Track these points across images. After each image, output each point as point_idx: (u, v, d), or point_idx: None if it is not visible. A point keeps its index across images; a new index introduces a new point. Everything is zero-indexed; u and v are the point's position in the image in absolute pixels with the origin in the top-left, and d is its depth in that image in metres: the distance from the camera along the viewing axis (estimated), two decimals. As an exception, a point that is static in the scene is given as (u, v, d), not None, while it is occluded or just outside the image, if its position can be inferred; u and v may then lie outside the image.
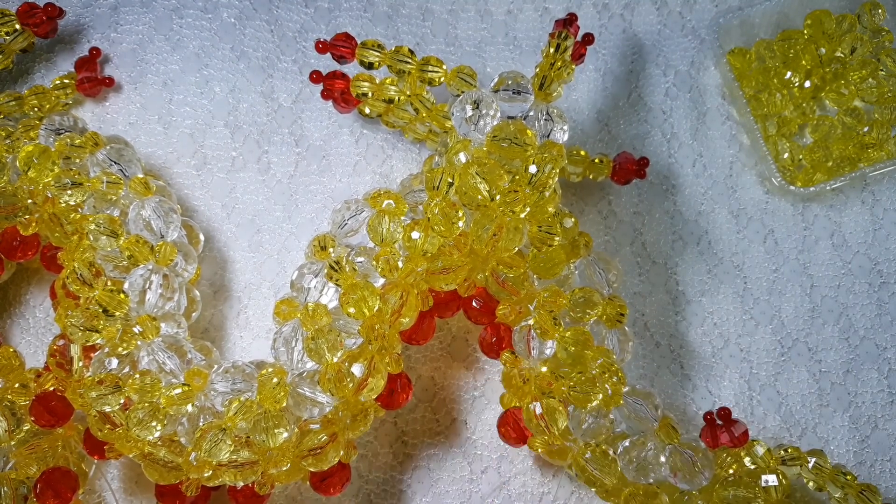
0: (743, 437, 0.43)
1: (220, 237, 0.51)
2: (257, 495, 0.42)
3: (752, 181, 0.54)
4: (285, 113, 0.53)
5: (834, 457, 0.49)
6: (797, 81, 0.54)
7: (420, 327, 0.44)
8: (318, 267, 0.44)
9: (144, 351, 0.41)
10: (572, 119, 0.54)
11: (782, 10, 0.55)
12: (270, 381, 0.40)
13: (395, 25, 0.55)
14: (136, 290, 0.42)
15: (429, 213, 0.41)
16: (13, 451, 0.43)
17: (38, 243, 0.46)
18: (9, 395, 0.42)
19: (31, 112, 0.50)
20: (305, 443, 0.40)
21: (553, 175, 0.41)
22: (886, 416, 0.50)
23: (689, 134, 0.54)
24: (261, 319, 0.50)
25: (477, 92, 0.42)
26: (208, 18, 0.55)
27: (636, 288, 0.52)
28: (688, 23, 0.56)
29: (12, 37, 0.51)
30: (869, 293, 0.52)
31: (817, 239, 0.53)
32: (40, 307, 0.50)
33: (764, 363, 0.51)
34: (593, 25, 0.56)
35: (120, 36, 0.54)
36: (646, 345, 0.51)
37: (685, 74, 0.55)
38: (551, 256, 0.43)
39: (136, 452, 0.41)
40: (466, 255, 0.43)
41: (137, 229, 0.44)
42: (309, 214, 0.52)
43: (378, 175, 0.53)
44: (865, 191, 0.54)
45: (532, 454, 0.48)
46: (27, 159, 0.44)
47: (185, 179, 0.52)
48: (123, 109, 0.53)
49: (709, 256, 0.52)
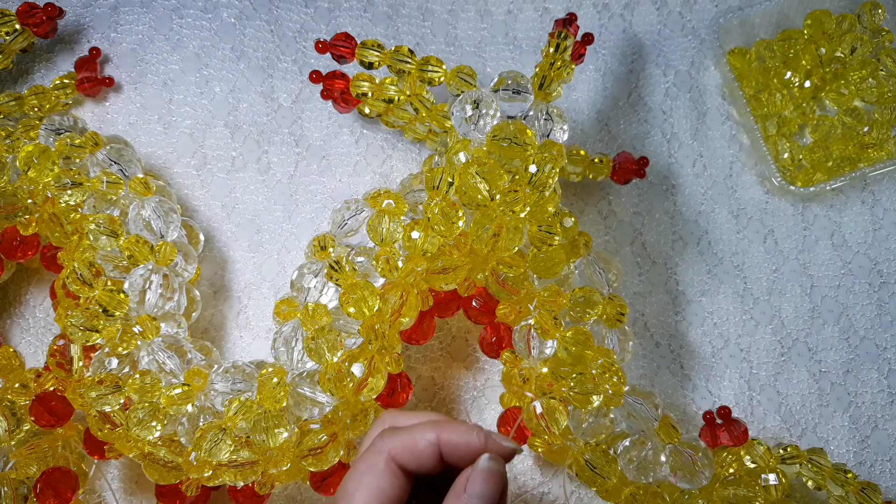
0: (743, 436, 0.43)
1: (220, 237, 0.51)
2: (257, 495, 0.42)
3: (752, 181, 0.54)
4: (285, 113, 0.53)
5: (834, 457, 0.49)
6: (797, 81, 0.54)
7: (420, 327, 0.44)
8: (318, 267, 0.44)
9: (144, 351, 0.41)
10: (572, 119, 0.54)
11: (782, 10, 0.55)
12: (270, 381, 0.40)
13: (395, 25, 0.55)
14: (136, 290, 0.42)
15: (429, 213, 0.41)
16: (13, 451, 0.43)
17: (38, 243, 0.46)
18: (9, 395, 0.42)
19: (31, 112, 0.50)
20: (305, 443, 0.40)
21: (553, 175, 0.41)
22: (886, 416, 0.50)
23: (689, 134, 0.54)
24: (261, 319, 0.50)
25: (477, 92, 0.42)
26: (208, 18, 0.55)
27: (636, 288, 0.52)
28: (688, 23, 0.56)
29: (12, 37, 0.51)
30: (869, 293, 0.52)
31: (817, 239, 0.53)
32: (40, 307, 0.50)
33: (764, 363, 0.51)
34: (593, 25, 0.56)
35: (120, 36, 0.54)
36: (646, 345, 0.51)
37: (685, 74, 0.55)
38: (551, 256, 0.43)
39: (136, 452, 0.41)
40: (466, 255, 0.43)
41: (137, 229, 0.44)
42: (309, 214, 0.52)
43: (378, 175, 0.53)
44: (865, 191, 0.54)
45: (532, 454, 0.48)
46: (27, 159, 0.44)
47: (185, 179, 0.52)
48: (123, 109, 0.53)
49: (709, 256, 0.52)
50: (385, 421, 0.37)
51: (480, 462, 0.33)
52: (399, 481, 0.33)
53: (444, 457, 0.34)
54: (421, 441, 0.33)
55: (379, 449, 0.34)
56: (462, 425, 0.34)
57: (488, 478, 0.33)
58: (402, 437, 0.34)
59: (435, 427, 0.34)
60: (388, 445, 0.34)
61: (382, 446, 0.34)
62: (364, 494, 0.33)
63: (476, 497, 0.33)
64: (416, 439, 0.33)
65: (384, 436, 0.34)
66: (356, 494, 0.33)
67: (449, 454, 0.34)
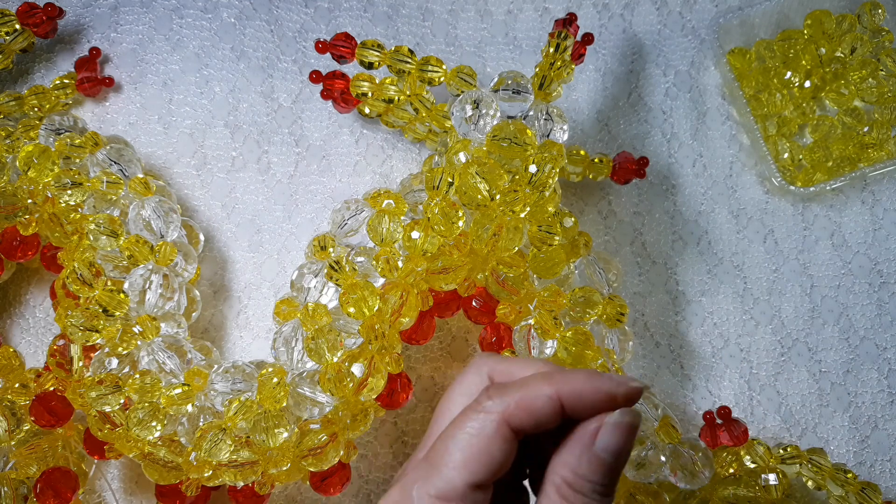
0: (743, 436, 0.43)
1: (220, 237, 0.51)
2: (257, 495, 0.42)
3: (752, 181, 0.54)
4: (285, 113, 0.53)
5: (834, 457, 0.49)
6: (797, 81, 0.54)
7: (420, 327, 0.44)
8: (318, 267, 0.44)
9: (144, 351, 0.41)
10: (572, 119, 0.54)
11: (782, 10, 0.55)
12: (270, 381, 0.40)
13: (395, 25, 0.55)
14: (136, 290, 0.42)
15: (429, 213, 0.41)
16: (13, 451, 0.43)
17: (38, 243, 0.46)
18: (9, 395, 0.42)
19: (31, 112, 0.50)
20: (305, 443, 0.40)
21: (553, 175, 0.41)
22: (886, 416, 0.50)
23: (689, 134, 0.54)
24: (261, 319, 0.50)
25: (477, 92, 0.42)
26: (208, 18, 0.55)
27: (636, 288, 0.52)
28: (688, 23, 0.56)
29: (12, 37, 0.51)
30: (869, 293, 0.52)
31: (817, 239, 0.53)
32: (40, 307, 0.50)
33: (764, 363, 0.51)
34: (593, 25, 0.56)
35: (120, 36, 0.54)
36: (646, 345, 0.51)
37: (685, 74, 0.55)
38: (551, 256, 0.43)
39: (136, 452, 0.41)
40: (466, 255, 0.43)
41: (137, 229, 0.44)
42: (309, 214, 0.52)
43: (378, 175, 0.53)
44: (865, 191, 0.54)
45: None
46: (27, 159, 0.44)
47: (185, 179, 0.52)
48: (123, 109, 0.53)
49: (709, 256, 0.52)
50: (481, 366, 0.33)
51: (616, 415, 0.29)
52: (510, 446, 0.29)
53: (566, 411, 0.29)
54: (539, 399, 0.29)
55: (489, 409, 0.29)
56: (580, 373, 0.30)
57: (625, 431, 0.29)
58: (516, 394, 0.29)
59: (550, 380, 0.29)
60: (499, 406, 0.29)
61: (492, 406, 0.29)
62: (469, 459, 0.29)
63: (610, 452, 0.29)
64: (532, 397, 0.29)
65: (492, 394, 0.30)
66: (459, 456, 0.29)
67: (574, 407, 0.29)
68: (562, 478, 0.29)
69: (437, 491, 0.29)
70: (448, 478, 0.29)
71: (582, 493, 0.29)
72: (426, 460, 0.30)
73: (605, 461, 0.29)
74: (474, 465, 0.29)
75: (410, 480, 0.30)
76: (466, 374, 0.33)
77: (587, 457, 0.29)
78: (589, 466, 0.29)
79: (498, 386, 0.30)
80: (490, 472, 0.29)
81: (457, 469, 0.29)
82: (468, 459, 0.29)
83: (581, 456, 0.29)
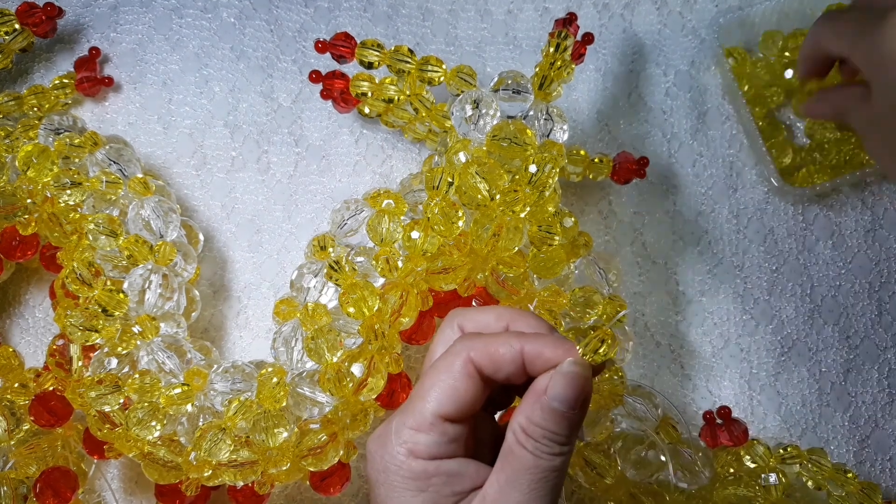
0: (743, 436, 0.43)
1: (219, 237, 0.51)
2: (257, 495, 0.42)
3: (752, 181, 0.54)
4: (285, 113, 0.53)
5: (834, 456, 0.49)
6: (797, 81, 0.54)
7: (420, 327, 0.44)
8: (318, 267, 0.44)
9: (144, 351, 0.41)
10: (572, 119, 0.54)
11: (782, 10, 0.55)
12: (270, 381, 0.40)
13: (395, 25, 0.55)
14: (136, 289, 0.42)
15: (429, 213, 0.41)
16: (13, 450, 0.43)
17: (37, 243, 0.46)
18: (9, 395, 0.42)
19: (31, 112, 0.50)
20: (305, 442, 0.40)
21: (553, 175, 0.41)
22: (886, 416, 0.50)
23: (689, 134, 0.54)
24: (261, 319, 0.50)
25: (477, 92, 0.42)
26: (208, 18, 0.55)
27: (636, 288, 0.52)
28: (688, 23, 0.56)
29: (12, 36, 0.51)
30: (869, 293, 0.52)
31: (817, 239, 0.53)
32: (40, 307, 0.50)
33: (764, 363, 0.51)
34: (593, 25, 0.56)
35: (120, 36, 0.54)
36: (646, 345, 0.51)
37: (685, 74, 0.55)
38: (551, 256, 0.43)
39: (136, 452, 0.41)
40: (466, 255, 0.43)
41: (137, 229, 0.44)
42: (309, 214, 0.52)
43: (378, 175, 0.53)
44: (865, 191, 0.54)
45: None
46: (26, 159, 0.44)
47: (184, 179, 0.52)
48: (123, 109, 0.53)
49: (709, 256, 0.52)
50: (453, 319, 0.36)
51: (564, 365, 0.32)
52: (474, 384, 0.32)
53: (527, 368, 0.33)
54: (503, 347, 0.32)
55: (457, 351, 0.33)
56: (549, 337, 0.33)
57: (572, 381, 0.31)
58: (485, 339, 0.33)
59: (520, 338, 0.32)
60: (467, 347, 0.33)
61: (461, 348, 0.33)
62: (437, 393, 0.32)
63: (558, 400, 0.31)
64: (497, 344, 0.32)
65: (464, 338, 0.34)
66: (431, 392, 0.32)
67: (533, 364, 0.32)
68: (518, 423, 0.32)
69: (412, 422, 0.32)
70: (420, 409, 0.33)
71: (533, 437, 0.32)
72: (407, 400, 0.34)
73: (556, 409, 0.31)
74: (442, 397, 0.32)
75: (393, 417, 0.34)
76: (443, 329, 0.37)
77: (539, 405, 0.32)
78: (541, 414, 0.31)
79: (473, 334, 0.34)
80: (456, 406, 0.32)
81: (427, 401, 0.32)
82: (437, 393, 0.32)
83: (534, 404, 0.32)
